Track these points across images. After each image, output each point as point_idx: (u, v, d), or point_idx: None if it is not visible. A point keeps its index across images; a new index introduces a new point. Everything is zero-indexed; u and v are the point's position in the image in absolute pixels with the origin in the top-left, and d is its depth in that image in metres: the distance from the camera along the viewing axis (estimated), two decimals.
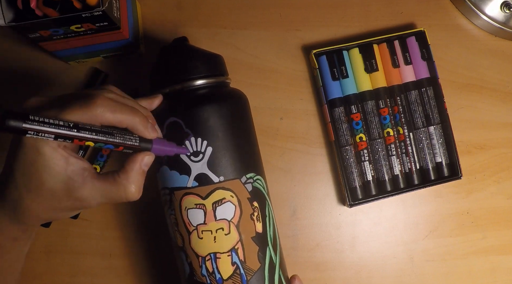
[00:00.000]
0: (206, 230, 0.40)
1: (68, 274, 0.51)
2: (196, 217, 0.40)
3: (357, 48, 0.52)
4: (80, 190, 0.34)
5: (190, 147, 0.40)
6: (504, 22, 0.54)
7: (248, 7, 0.54)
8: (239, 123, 0.42)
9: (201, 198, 0.40)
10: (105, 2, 0.39)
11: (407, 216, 0.54)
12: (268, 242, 0.42)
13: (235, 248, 0.40)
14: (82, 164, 0.35)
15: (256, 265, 0.41)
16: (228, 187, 0.40)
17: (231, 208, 0.40)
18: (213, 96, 0.42)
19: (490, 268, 0.54)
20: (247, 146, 0.43)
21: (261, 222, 0.42)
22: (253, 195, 0.42)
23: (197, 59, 0.43)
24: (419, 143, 0.52)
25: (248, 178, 0.42)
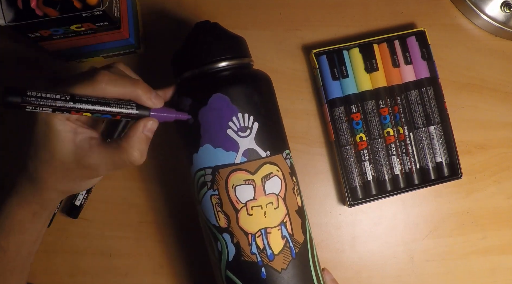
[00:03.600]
0: (256, 205, 0.40)
1: (68, 274, 0.51)
2: (245, 193, 0.40)
3: (357, 48, 0.52)
4: (88, 157, 0.36)
5: (238, 122, 0.40)
6: (504, 22, 0.54)
7: (248, 7, 0.54)
8: (275, 102, 0.44)
9: (250, 173, 0.40)
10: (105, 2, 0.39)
11: (407, 216, 0.54)
12: (305, 216, 0.43)
13: (284, 222, 0.41)
14: (89, 133, 0.37)
15: (301, 237, 0.42)
16: (274, 162, 0.41)
17: (278, 182, 0.41)
18: (254, 75, 0.43)
19: (490, 268, 0.54)
20: (281, 123, 0.44)
21: (300, 196, 0.43)
22: (292, 170, 0.43)
23: (233, 40, 0.44)
24: (419, 143, 0.52)
25: (287, 154, 0.43)
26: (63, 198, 0.42)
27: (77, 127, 0.36)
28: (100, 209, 0.52)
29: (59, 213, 0.51)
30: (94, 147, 0.37)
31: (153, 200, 0.52)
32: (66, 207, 0.51)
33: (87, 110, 0.35)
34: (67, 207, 0.51)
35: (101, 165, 0.37)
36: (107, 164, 0.37)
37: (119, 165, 0.38)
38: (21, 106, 0.32)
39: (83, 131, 0.37)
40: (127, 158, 0.37)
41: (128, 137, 0.37)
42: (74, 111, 0.34)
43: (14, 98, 0.31)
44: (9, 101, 0.31)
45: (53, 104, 0.33)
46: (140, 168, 0.52)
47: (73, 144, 0.36)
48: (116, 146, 0.37)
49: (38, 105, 0.32)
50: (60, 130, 0.35)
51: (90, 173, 0.38)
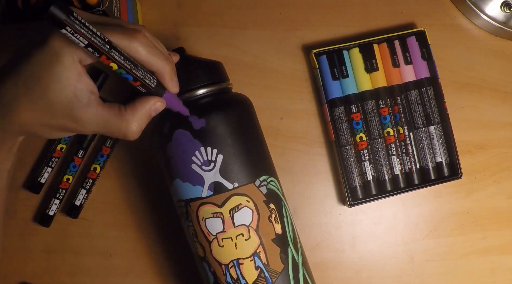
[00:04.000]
0: (226, 237, 0.40)
1: (68, 274, 0.51)
2: (215, 225, 0.40)
3: (357, 48, 0.52)
4: (81, 110, 0.33)
5: (200, 156, 0.40)
6: (504, 22, 0.54)
7: (248, 7, 0.54)
8: (247, 128, 0.42)
9: (217, 207, 0.40)
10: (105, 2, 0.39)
11: (407, 216, 0.54)
12: (288, 242, 0.42)
13: (257, 252, 0.40)
14: (92, 86, 0.34)
15: (280, 266, 0.41)
16: (243, 192, 0.40)
17: (248, 212, 0.40)
18: (218, 103, 0.42)
19: (490, 268, 0.54)
20: (257, 148, 0.43)
21: (280, 223, 0.42)
22: (268, 197, 0.42)
23: (198, 68, 0.43)
24: (419, 143, 0.52)
25: (261, 181, 0.42)
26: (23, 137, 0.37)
27: (84, 74, 0.33)
28: (100, 209, 0.52)
29: (59, 213, 0.51)
30: (92, 103, 0.33)
31: (153, 200, 0.52)
32: (66, 207, 0.51)
33: (117, 62, 0.32)
34: (67, 207, 0.51)
35: (92, 124, 0.34)
36: (99, 125, 0.34)
37: (112, 132, 0.35)
38: (62, 24, 0.29)
39: (87, 82, 0.33)
40: (125, 128, 0.35)
41: (134, 108, 0.35)
42: (104, 57, 0.32)
43: (58, 13, 0.28)
44: (52, 13, 0.28)
45: (92, 39, 0.30)
46: (141, 168, 0.52)
47: (73, 90, 0.32)
48: (117, 112, 0.35)
49: (77, 31, 0.29)
50: (67, 69, 0.32)
51: (75, 127, 0.34)
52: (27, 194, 0.51)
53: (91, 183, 0.51)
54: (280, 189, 0.44)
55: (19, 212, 0.51)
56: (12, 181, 0.41)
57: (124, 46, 0.33)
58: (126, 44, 0.33)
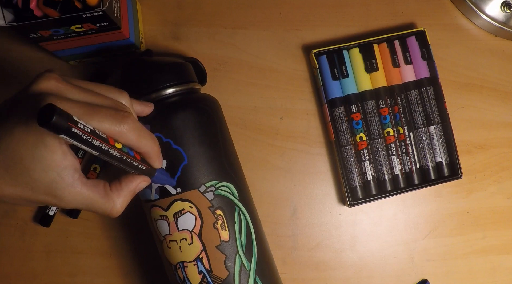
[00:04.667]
0: (172, 240, 0.41)
1: (68, 274, 0.51)
2: (163, 227, 0.42)
3: (357, 48, 0.52)
4: (65, 190, 0.32)
5: None
6: (504, 22, 0.54)
7: (248, 7, 0.54)
8: (194, 133, 0.41)
9: (163, 210, 0.41)
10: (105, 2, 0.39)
11: (407, 216, 0.54)
12: (238, 249, 0.42)
13: (200, 257, 0.41)
14: (76, 164, 0.32)
15: (224, 273, 0.41)
16: (186, 198, 0.41)
17: (191, 218, 0.41)
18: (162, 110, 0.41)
19: (490, 268, 0.54)
20: (208, 153, 0.42)
21: (228, 229, 0.41)
22: (215, 203, 0.41)
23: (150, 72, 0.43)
24: (419, 143, 0.52)
25: (208, 187, 0.41)
26: None
27: (68, 153, 0.31)
28: None
29: (59, 213, 0.51)
30: (76, 182, 0.32)
31: None
32: None
33: (113, 157, 0.31)
34: None
35: (75, 202, 0.33)
36: (83, 204, 0.33)
37: (95, 210, 0.34)
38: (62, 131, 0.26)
39: (71, 160, 0.32)
40: (109, 208, 0.34)
41: (119, 188, 0.35)
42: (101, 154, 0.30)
43: (61, 122, 0.26)
44: (55, 123, 0.26)
45: (90, 140, 0.29)
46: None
47: (57, 169, 0.31)
48: (102, 192, 0.34)
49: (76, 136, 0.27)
50: (52, 151, 0.30)
51: (55, 203, 0.32)
52: None
53: None
54: (235, 194, 0.43)
55: (19, 212, 0.51)
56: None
57: (114, 133, 0.32)
58: (117, 130, 0.32)
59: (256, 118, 0.53)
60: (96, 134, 0.29)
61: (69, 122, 0.27)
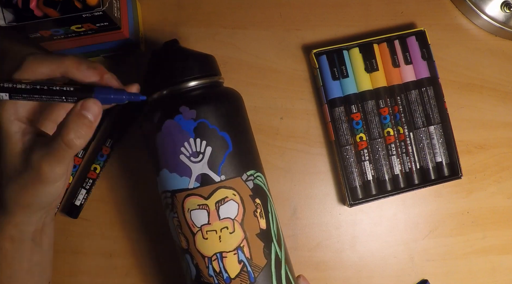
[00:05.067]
0: (210, 230, 0.40)
1: (68, 274, 0.51)
2: (200, 217, 0.40)
3: (357, 47, 0.52)
4: (31, 154, 0.34)
5: (189, 147, 0.40)
6: (504, 22, 0.54)
7: (248, 7, 0.54)
8: (236, 122, 0.42)
9: (203, 198, 0.40)
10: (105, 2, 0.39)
11: (407, 216, 0.54)
12: (272, 238, 0.42)
13: (241, 246, 0.40)
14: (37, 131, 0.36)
15: (263, 261, 0.41)
16: (230, 185, 0.40)
17: (234, 206, 0.40)
18: (209, 96, 0.42)
19: (490, 268, 0.54)
20: (245, 143, 0.43)
21: (264, 218, 0.42)
22: (254, 192, 0.42)
23: (192, 60, 0.43)
24: (419, 143, 0.52)
25: (248, 175, 0.42)
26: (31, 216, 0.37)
27: (25, 127, 0.35)
28: (100, 209, 0.52)
29: (59, 213, 0.51)
30: (37, 143, 0.34)
31: (153, 200, 0.52)
32: (66, 207, 0.51)
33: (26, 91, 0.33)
34: (67, 207, 0.51)
35: (42, 159, 0.34)
36: (47, 154, 0.33)
37: (57, 153, 0.34)
38: None
39: (31, 130, 0.35)
40: (62, 140, 0.33)
41: (65, 118, 0.34)
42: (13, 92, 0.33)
43: None
44: None
45: None
46: (141, 168, 0.52)
47: (21, 143, 0.35)
48: (54, 134, 0.34)
49: None
50: (8, 131, 0.34)
51: (35, 173, 0.34)
52: None
53: (91, 183, 0.51)
54: (266, 184, 0.44)
55: None
56: None
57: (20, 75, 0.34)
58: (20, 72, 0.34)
59: (256, 118, 0.53)
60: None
61: None
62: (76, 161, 0.51)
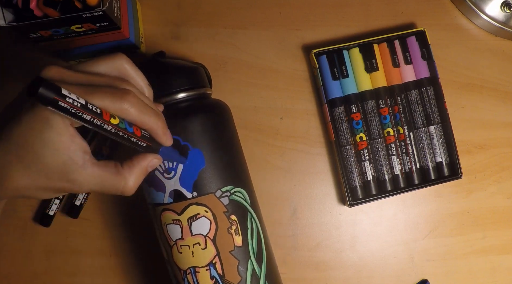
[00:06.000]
0: (184, 244, 0.41)
1: (68, 274, 0.51)
2: (174, 232, 0.41)
3: (357, 47, 0.52)
4: (77, 172, 0.32)
5: (162, 164, 0.40)
6: (504, 22, 0.54)
7: (249, 7, 0.54)
8: (213, 137, 0.42)
9: (176, 214, 0.41)
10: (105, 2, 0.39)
11: (407, 216, 0.54)
12: (249, 255, 0.42)
13: (213, 262, 0.41)
14: (85, 146, 0.33)
15: (236, 278, 0.41)
16: (202, 202, 0.41)
17: (206, 223, 0.41)
18: (183, 112, 0.41)
19: (490, 268, 0.54)
20: (224, 158, 0.42)
21: (241, 235, 0.42)
22: (230, 209, 0.41)
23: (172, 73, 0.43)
24: (419, 143, 0.52)
25: (224, 192, 0.41)
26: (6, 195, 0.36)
27: (76, 136, 0.32)
28: (100, 209, 0.52)
29: (59, 213, 0.51)
30: (87, 163, 0.33)
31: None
32: (66, 207, 0.51)
33: (109, 133, 0.32)
34: (67, 207, 0.51)
35: (89, 184, 0.33)
36: (97, 185, 0.34)
37: (108, 190, 0.35)
38: (51, 102, 0.28)
39: (80, 143, 0.32)
40: (123, 186, 0.34)
41: (132, 166, 0.35)
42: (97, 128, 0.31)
43: (48, 93, 0.27)
44: (42, 94, 0.27)
45: (81, 115, 0.29)
46: None
47: (67, 152, 0.32)
48: (114, 171, 0.34)
49: (66, 110, 0.29)
50: (59, 134, 0.31)
51: (70, 187, 0.33)
52: None
53: None
54: (247, 200, 0.43)
55: (19, 212, 0.51)
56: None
57: (115, 110, 0.32)
58: (117, 107, 0.32)
59: (256, 118, 0.53)
60: (88, 109, 0.30)
61: (56, 94, 0.28)
62: None
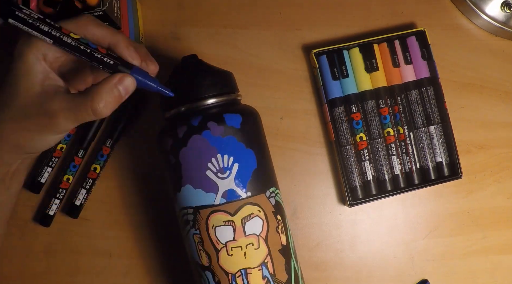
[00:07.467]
0: (236, 246, 0.40)
1: (68, 274, 0.51)
2: (225, 234, 0.40)
3: (358, 47, 0.52)
4: (50, 101, 0.34)
5: (216, 163, 0.40)
6: (504, 22, 0.54)
7: (249, 7, 0.54)
8: (258, 139, 0.43)
9: (229, 215, 0.40)
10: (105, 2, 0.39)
11: (407, 216, 0.54)
12: (291, 254, 0.43)
13: (265, 262, 0.41)
14: (60, 82, 0.36)
15: (284, 277, 0.42)
16: (255, 202, 0.41)
17: (259, 222, 0.41)
18: (234, 113, 0.42)
19: (490, 268, 0.54)
20: (267, 160, 0.43)
21: (285, 234, 0.43)
22: (276, 209, 0.42)
23: (214, 76, 0.43)
24: (419, 143, 0.52)
25: (271, 192, 0.42)
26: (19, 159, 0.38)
27: (50, 72, 0.35)
28: (100, 209, 0.52)
29: (59, 213, 0.51)
30: (59, 93, 0.34)
31: (153, 200, 0.52)
32: (66, 207, 0.51)
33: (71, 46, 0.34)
34: (67, 207, 0.51)
35: (62, 112, 0.34)
36: (69, 110, 0.34)
37: (80, 114, 0.34)
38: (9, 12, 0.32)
39: (54, 78, 0.35)
40: (91, 105, 0.34)
41: (99, 85, 0.35)
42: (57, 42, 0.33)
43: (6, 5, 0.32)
44: None
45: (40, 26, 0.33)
46: (141, 168, 0.52)
47: (41, 86, 0.34)
48: (82, 94, 0.35)
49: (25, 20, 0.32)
50: (32, 68, 0.34)
51: (48, 121, 0.34)
52: (27, 194, 0.51)
53: (91, 183, 0.51)
54: (283, 202, 0.44)
55: (19, 212, 0.51)
56: None
57: (73, 27, 0.34)
58: (74, 24, 0.35)
59: None
60: (46, 21, 0.33)
61: (13, 6, 0.32)
62: (76, 160, 0.51)
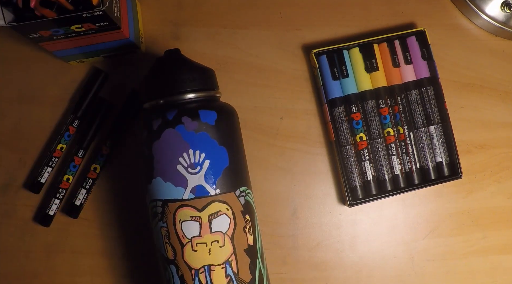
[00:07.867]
0: (201, 242, 0.40)
1: (68, 274, 0.51)
2: (191, 229, 0.41)
3: (358, 47, 0.52)
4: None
5: (188, 158, 0.40)
6: (505, 22, 0.54)
7: (249, 7, 0.54)
8: (232, 137, 0.43)
9: (197, 210, 0.40)
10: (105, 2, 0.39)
11: (407, 216, 0.54)
12: (257, 254, 0.43)
13: (229, 260, 0.41)
14: None
15: (248, 277, 0.41)
16: (224, 200, 0.41)
17: (226, 220, 0.41)
18: (210, 109, 0.42)
19: (490, 268, 0.54)
20: (240, 159, 0.43)
21: (252, 234, 0.43)
22: (245, 208, 0.42)
23: (194, 72, 0.43)
24: (419, 143, 0.52)
25: (241, 191, 0.42)
26: None
27: None
28: (100, 209, 0.52)
29: (59, 213, 0.51)
30: None
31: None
32: (66, 207, 0.51)
33: None
34: (67, 207, 0.51)
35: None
36: None
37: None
38: None
39: None
40: None
41: None
42: None
43: None
44: None
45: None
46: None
47: None
48: None
49: None
50: None
51: None
52: (27, 194, 0.51)
53: (91, 183, 0.51)
54: (254, 202, 0.44)
55: (19, 212, 0.51)
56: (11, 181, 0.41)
57: None
58: None
59: (256, 118, 0.53)
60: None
61: None
62: (76, 160, 0.51)
